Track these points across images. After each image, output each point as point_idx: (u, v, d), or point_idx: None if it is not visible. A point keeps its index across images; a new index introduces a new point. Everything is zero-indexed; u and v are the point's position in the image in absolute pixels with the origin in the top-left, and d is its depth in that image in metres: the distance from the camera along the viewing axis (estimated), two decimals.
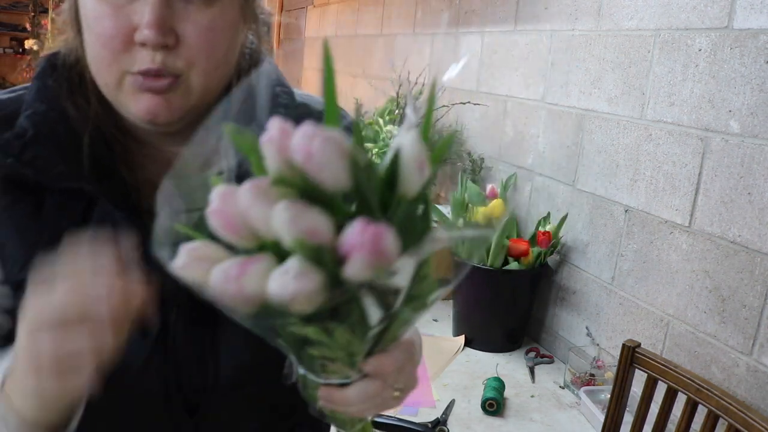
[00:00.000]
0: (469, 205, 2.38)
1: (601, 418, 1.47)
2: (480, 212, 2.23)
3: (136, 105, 0.56)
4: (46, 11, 5.46)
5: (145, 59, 0.54)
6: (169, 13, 0.53)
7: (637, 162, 1.88)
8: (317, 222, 0.36)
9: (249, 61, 0.65)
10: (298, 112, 0.60)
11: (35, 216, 0.57)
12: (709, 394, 1.09)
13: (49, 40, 0.67)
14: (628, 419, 1.27)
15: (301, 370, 0.46)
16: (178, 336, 0.59)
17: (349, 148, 0.36)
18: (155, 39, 0.52)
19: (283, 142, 0.36)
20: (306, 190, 0.36)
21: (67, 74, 0.61)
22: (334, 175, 0.36)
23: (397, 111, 3.05)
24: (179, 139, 0.59)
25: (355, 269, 0.35)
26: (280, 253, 0.37)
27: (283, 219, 0.35)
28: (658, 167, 1.80)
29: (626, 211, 1.92)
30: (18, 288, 0.57)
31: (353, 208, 0.37)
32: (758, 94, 1.49)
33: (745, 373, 1.52)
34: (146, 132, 0.62)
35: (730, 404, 1.06)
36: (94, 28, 0.54)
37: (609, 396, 1.32)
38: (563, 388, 1.96)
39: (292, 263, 0.36)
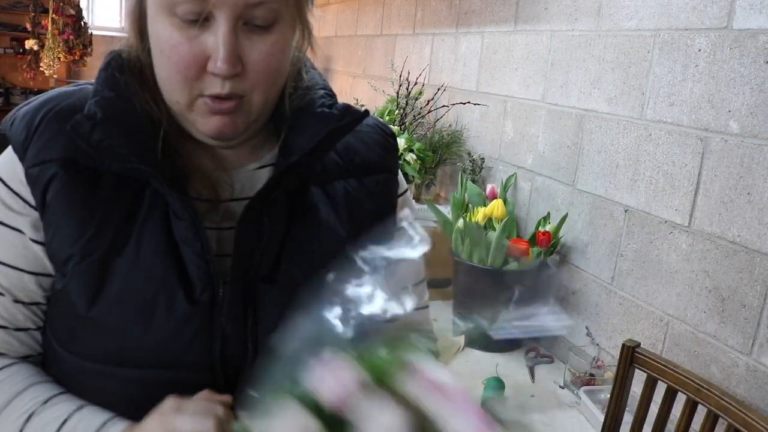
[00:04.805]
0: (469, 205, 2.38)
1: (601, 418, 1.46)
2: (480, 212, 2.23)
3: (206, 125, 0.62)
4: (46, 11, 5.45)
5: (216, 85, 0.60)
6: (237, 45, 0.58)
7: (637, 162, 1.88)
8: None
9: (295, 65, 0.69)
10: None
11: (90, 197, 0.62)
12: (709, 393, 1.09)
13: (49, 40, 0.70)
14: (627, 419, 1.27)
15: None
16: (224, 312, 0.64)
17: None
18: (228, 71, 0.58)
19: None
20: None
21: (132, 73, 0.65)
22: None
23: (397, 111, 3.05)
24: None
25: None
26: None
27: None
28: (658, 167, 1.80)
29: (626, 211, 1.92)
30: (65, 263, 0.62)
31: None
32: (758, 94, 1.49)
33: (745, 372, 1.52)
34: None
35: (729, 404, 1.05)
36: (169, 54, 0.60)
37: (609, 396, 1.32)
38: (563, 388, 1.96)
39: None
